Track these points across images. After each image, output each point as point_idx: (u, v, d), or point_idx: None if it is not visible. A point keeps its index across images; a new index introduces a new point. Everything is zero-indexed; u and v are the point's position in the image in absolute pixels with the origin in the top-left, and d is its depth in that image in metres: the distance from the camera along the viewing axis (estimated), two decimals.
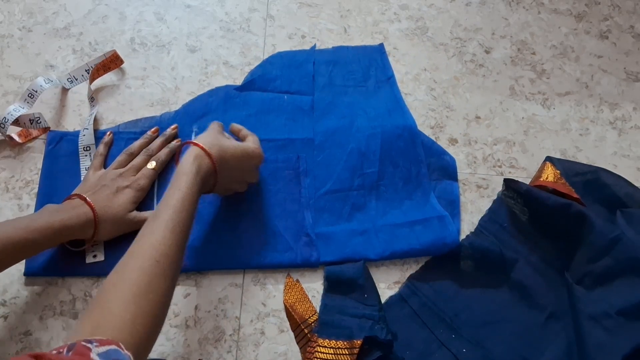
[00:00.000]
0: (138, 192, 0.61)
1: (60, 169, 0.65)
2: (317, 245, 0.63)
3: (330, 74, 0.76)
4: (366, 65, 0.77)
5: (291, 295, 0.61)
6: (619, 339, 0.56)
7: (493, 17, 0.84)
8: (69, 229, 0.53)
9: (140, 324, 0.40)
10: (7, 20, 0.76)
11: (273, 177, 0.67)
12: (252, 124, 0.70)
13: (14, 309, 0.57)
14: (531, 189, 0.66)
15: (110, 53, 0.71)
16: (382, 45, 0.79)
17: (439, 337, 0.60)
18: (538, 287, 0.63)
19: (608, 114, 0.78)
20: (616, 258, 0.60)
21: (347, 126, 0.71)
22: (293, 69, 0.75)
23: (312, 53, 0.77)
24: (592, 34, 0.84)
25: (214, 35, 0.78)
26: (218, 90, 0.73)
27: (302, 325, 0.59)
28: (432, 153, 0.70)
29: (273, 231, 0.63)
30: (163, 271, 0.44)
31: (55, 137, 0.67)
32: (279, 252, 0.62)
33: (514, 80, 0.79)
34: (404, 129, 0.71)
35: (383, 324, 0.57)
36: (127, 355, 0.36)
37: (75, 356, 0.34)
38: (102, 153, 0.65)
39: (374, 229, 0.64)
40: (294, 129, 0.70)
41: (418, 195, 0.67)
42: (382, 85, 0.76)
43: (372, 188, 0.67)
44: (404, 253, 0.63)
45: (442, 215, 0.65)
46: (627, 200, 0.66)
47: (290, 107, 0.72)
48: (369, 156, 0.68)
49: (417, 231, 0.64)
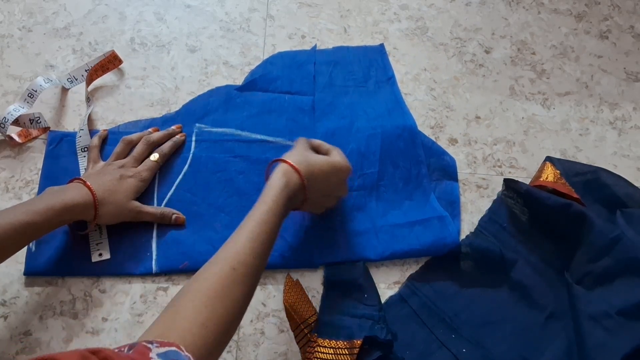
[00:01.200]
0: (140, 183, 0.61)
1: (60, 169, 0.65)
2: (317, 246, 0.63)
3: (331, 74, 0.76)
4: (367, 66, 0.77)
5: (291, 295, 0.61)
6: (619, 339, 0.55)
7: (493, 17, 0.84)
8: (70, 208, 0.54)
9: (212, 329, 0.41)
10: (7, 20, 0.76)
11: None
12: (253, 124, 0.70)
13: (14, 309, 0.57)
14: (531, 189, 0.66)
15: (108, 53, 0.71)
16: (382, 46, 0.79)
17: (438, 337, 0.60)
18: (538, 287, 0.63)
19: (608, 114, 0.78)
20: (616, 258, 0.60)
21: (347, 126, 0.71)
22: (294, 69, 0.75)
23: (313, 53, 0.77)
24: (592, 34, 0.84)
25: (214, 35, 0.78)
26: (219, 90, 0.73)
27: (302, 325, 0.59)
28: (432, 153, 0.70)
29: None
30: (240, 278, 0.45)
31: (56, 137, 0.67)
32: (278, 252, 0.62)
33: (514, 80, 0.79)
34: (404, 129, 0.71)
35: (383, 324, 0.57)
36: (187, 357, 0.37)
37: (135, 354, 0.35)
38: (97, 144, 0.64)
39: (374, 230, 0.64)
40: (295, 130, 0.70)
41: (418, 195, 0.67)
42: (383, 86, 0.76)
43: (372, 188, 0.67)
44: (404, 253, 0.63)
45: (442, 215, 0.65)
46: (627, 200, 0.66)
47: (291, 108, 0.72)
48: (369, 156, 0.68)
49: (417, 231, 0.64)
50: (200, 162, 0.67)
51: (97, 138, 0.65)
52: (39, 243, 0.60)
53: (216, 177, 0.66)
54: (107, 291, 0.59)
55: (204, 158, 0.67)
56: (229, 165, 0.67)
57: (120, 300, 0.59)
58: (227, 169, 0.67)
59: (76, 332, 0.57)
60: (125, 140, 0.64)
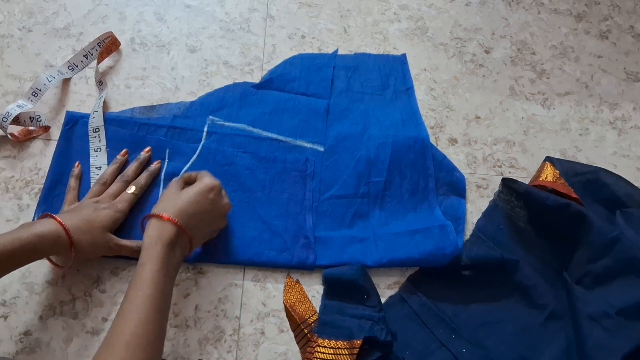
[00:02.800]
0: (117, 214, 0.58)
1: (73, 149, 0.66)
2: (315, 248, 0.63)
3: (349, 80, 0.76)
4: (386, 74, 0.77)
5: (291, 295, 0.61)
6: (618, 339, 0.56)
7: (493, 17, 0.84)
8: (39, 237, 0.51)
9: None
10: (7, 20, 0.76)
11: (279, 177, 0.67)
12: (266, 122, 0.70)
13: (14, 309, 0.57)
14: (530, 189, 0.66)
15: (107, 37, 0.72)
16: (404, 56, 0.79)
17: (438, 337, 0.60)
18: (538, 287, 0.63)
19: (608, 114, 0.78)
20: (615, 258, 0.60)
21: (359, 133, 0.71)
22: (312, 72, 0.75)
23: (334, 57, 0.78)
24: (592, 34, 0.84)
25: (213, 35, 0.78)
26: (236, 86, 0.73)
27: (302, 325, 0.59)
28: (442, 168, 0.70)
29: (272, 230, 0.63)
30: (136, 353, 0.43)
31: (73, 118, 0.68)
32: (275, 251, 0.62)
33: (514, 80, 0.79)
34: (416, 140, 0.70)
35: (383, 324, 0.57)
36: None
37: None
38: (75, 187, 0.62)
39: (373, 237, 0.64)
40: (307, 131, 0.70)
41: (423, 208, 0.67)
42: (400, 96, 0.76)
43: (377, 197, 0.67)
44: (402, 262, 0.62)
45: (444, 224, 0.63)
46: (626, 200, 0.66)
47: (305, 109, 0.72)
48: (378, 165, 0.68)
49: (417, 239, 0.63)
50: (209, 153, 0.68)
51: (73, 180, 0.63)
52: None
53: (223, 170, 0.67)
54: (107, 291, 0.59)
55: (213, 150, 0.68)
56: (237, 160, 0.67)
57: (120, 300, 0.59)
58: (234, 162, 0.67)
59: (76, 332, 0.57)
60: (100, 181, 0.62)
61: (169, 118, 0.69)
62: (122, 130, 0.67)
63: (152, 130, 0.68)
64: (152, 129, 0.68)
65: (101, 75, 0.71)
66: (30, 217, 0.62)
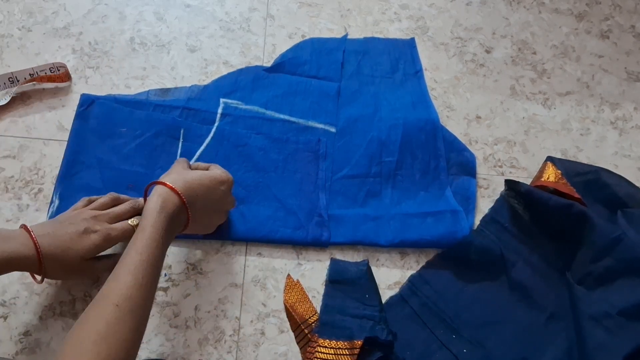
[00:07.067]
0: (104, 243, 0.53)
1: (89, 129, 0.67)
2: (329, 226, 0.64)
3: (359, 63, 0.77)
4: (395, 58, 0.78)
5: (291, 295, 0.60)
6: (619, 340, 0.55)
7: (494, 16, 0.84)
8: (8, 260, 0.49)
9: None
10: (7, 20, 0.76)
11: (292, 157, 0.68)
12: (278, 104, 0.72)
13: (13, 309, 0.57)
14: (532, 190, 0.66)
15: (62, 69, 0.71)
16: (413, 40, 0.80)
17: (439, 337, 0.60)
18: (539, 288, 0.62)
19: (609, 114, 0.78)
20: (617, 258, 0.59)
21: (370, 115, 0.72)
22: (323, 55, 0.77)
23: (344, 41, 0.79)
24: (593, 34, 0.84)
25: (213, 35, 0.78)
26: (248, 69, 0.75)
27: (303, 325, 0.59)
28: (453, 148, 0.71)
29: (287, 208, 0.65)
30: (125, 315, 0.42)
31: (87, 99, 0.69)
32: (290, 229, 0.63)
33: (515, 80, 0.79)
34: (427, 122, 0.71)
35: (384, 324, 0.57)
36: None
37: None
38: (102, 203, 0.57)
39: (386, 216, 0.65)
40: (318, 113, 0.72)
41: (434, 188, 0.68)
42: (410, 79, 0.77)
43: (389, 176, 0.68)
44: (414, 242, 0.64)
45: (456, 209, 0.65)
46: (628, 200, 0.66)
47: (316, 92, 0.74)
48: (389, 145, 0.70)
49: (429, 223, 0.65)
50: (224, 135, 0.69)
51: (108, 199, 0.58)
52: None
53: (237, 151, 0.68)
54: None
55: (227, 132, 0.69)
56: (251, 141, 0.69)
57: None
58: (248, 144, 0.68)
59: None
60: (112, 196, 0.58)
61: (184, 100, 0.71)
62: (137, 111, 0.69)
63: (167, 111, 0.70)
64: (167, 110, 0.70)
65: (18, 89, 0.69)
66: (31, 217, 0.62)
